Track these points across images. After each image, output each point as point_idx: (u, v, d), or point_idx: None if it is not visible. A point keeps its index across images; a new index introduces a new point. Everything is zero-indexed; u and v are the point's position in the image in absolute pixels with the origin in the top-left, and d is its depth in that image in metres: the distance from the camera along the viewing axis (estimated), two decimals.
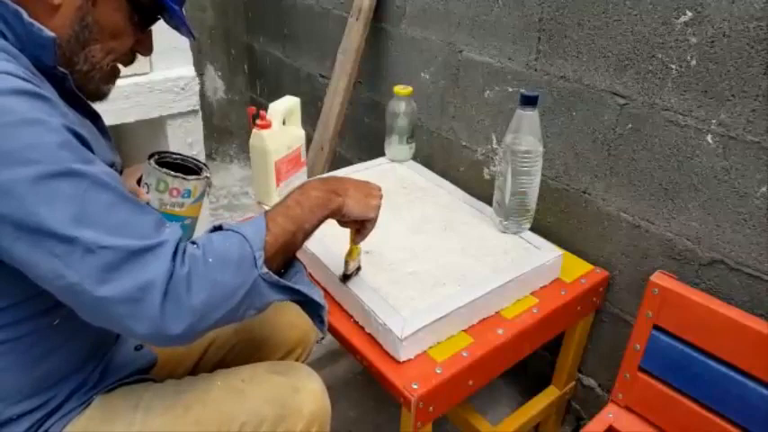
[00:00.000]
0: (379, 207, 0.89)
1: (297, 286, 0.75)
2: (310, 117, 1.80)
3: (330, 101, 1.68)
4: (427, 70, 1.50)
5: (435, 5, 1.41)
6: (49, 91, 0.66)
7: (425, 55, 1.49)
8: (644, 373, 1.04)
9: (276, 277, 0.73)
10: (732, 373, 0.92)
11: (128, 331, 0.63)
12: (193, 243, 0.68)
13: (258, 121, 1.13)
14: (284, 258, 0.77)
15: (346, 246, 0.98)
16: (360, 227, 0.91)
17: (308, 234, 0.80)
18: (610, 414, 1.08)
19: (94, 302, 0.61)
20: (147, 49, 0.81)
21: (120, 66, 0.80)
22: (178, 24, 0.80)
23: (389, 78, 1.63)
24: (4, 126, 0.58)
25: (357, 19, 1.59)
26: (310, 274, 1.07)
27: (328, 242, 1.11)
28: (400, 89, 1.38)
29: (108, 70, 0.77)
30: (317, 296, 0.79)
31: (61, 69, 0.71)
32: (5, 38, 0.66)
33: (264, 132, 1.12)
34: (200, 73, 2.40)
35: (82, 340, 0.79)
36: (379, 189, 0.91)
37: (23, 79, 0.61)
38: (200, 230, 2.21)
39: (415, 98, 1.41)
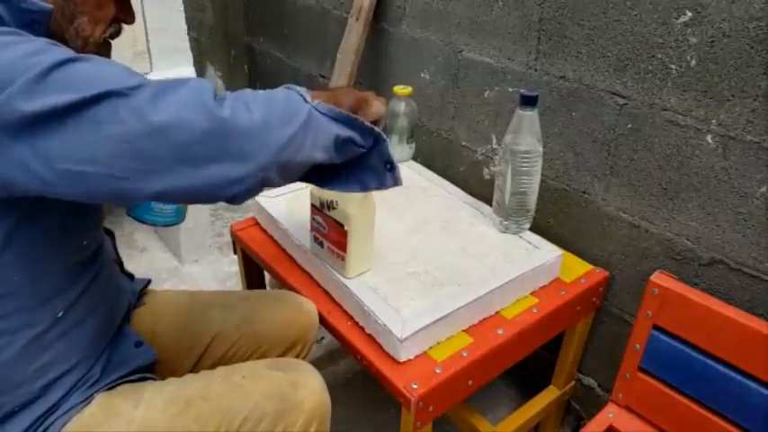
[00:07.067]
0: (386, 101, 0.89)
1: (354, 116, 0.75)
2: None
3: None
4: (427, 70, 1.50)
5: (435, 5, 1.41)
6: None
7: (425, 55, 1.49)
8: (644, 373, 1.04)
9: (330, 105, 0.72)
10: (732, 373, 0.92)
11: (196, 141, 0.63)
12: None
13: None
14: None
15: None
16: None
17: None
18: (610, 414, 1.08)
19: (153, 132, 0.61)
20: (129, 15, 0.78)
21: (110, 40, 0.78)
22: None
23: (389, 78, 1.63)
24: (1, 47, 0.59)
25: (357, 19, 1.59)
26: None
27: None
28: (400, 89, 1.38)
29: (101, 44, 0.76)
30: (377, 130, 0.78)
31: None
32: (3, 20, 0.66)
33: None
34: (201, 73, 2.39)
35: (82, 332, 0.80)
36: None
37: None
38: (201, 234, 2.20)
39: (414, 98, 1.41)
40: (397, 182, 0.84)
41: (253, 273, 1.34)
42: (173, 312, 1.01)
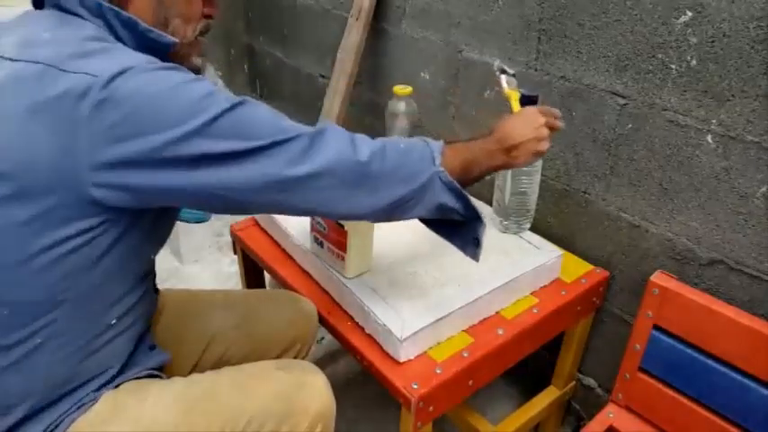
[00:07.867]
0: (544, 151, 0.89)
1: (466, 194, 0.81)
2: (310, 117, 1.80)
3: (330, 101, 1.68)
4: (427, 70, 1.50)
5: (435, 5, 1.41)
6: None
7: (425, 55, 1.49)
8: (644, 373, 1.04)
9: (450, 178, 0.79)
10: (732, 373, 0.92)
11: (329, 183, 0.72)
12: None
13: None
14: (457, 178, 0.81)
15: None
16: None
17: (482, 172, 0.85)
18: (610, 414, 1.08)
19: (300, 179, 0.69)
20: (214, 8, 0.81)
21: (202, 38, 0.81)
22: None
23: (389, 78, 1.63)
24: (176, 86, 0.65)
25: (357, 19, 1.59)
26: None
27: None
28: (400, 89, 1.37)
29: (194, 42, 0.78)
30: (479, 211, 0.83)
31: None
32: (125, 43, 0.70)
33: None
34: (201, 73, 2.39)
35: (124, 340, 0.80)
36: (545, 128, 0.88)
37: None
38: (201, 234, 2.18)
39: (414, 98, 1.41)
40: (475, 257, 0.87)
41: (253, 273, 1.34)
42: (172, 312, 1.01)
